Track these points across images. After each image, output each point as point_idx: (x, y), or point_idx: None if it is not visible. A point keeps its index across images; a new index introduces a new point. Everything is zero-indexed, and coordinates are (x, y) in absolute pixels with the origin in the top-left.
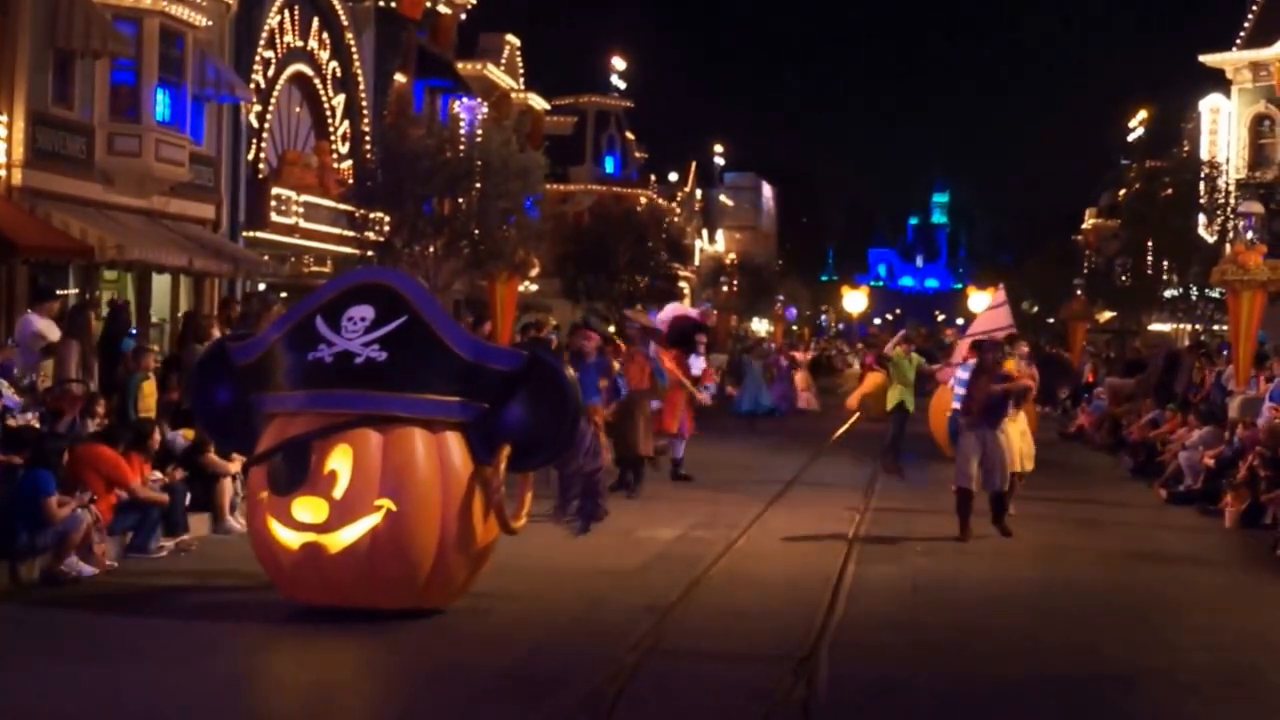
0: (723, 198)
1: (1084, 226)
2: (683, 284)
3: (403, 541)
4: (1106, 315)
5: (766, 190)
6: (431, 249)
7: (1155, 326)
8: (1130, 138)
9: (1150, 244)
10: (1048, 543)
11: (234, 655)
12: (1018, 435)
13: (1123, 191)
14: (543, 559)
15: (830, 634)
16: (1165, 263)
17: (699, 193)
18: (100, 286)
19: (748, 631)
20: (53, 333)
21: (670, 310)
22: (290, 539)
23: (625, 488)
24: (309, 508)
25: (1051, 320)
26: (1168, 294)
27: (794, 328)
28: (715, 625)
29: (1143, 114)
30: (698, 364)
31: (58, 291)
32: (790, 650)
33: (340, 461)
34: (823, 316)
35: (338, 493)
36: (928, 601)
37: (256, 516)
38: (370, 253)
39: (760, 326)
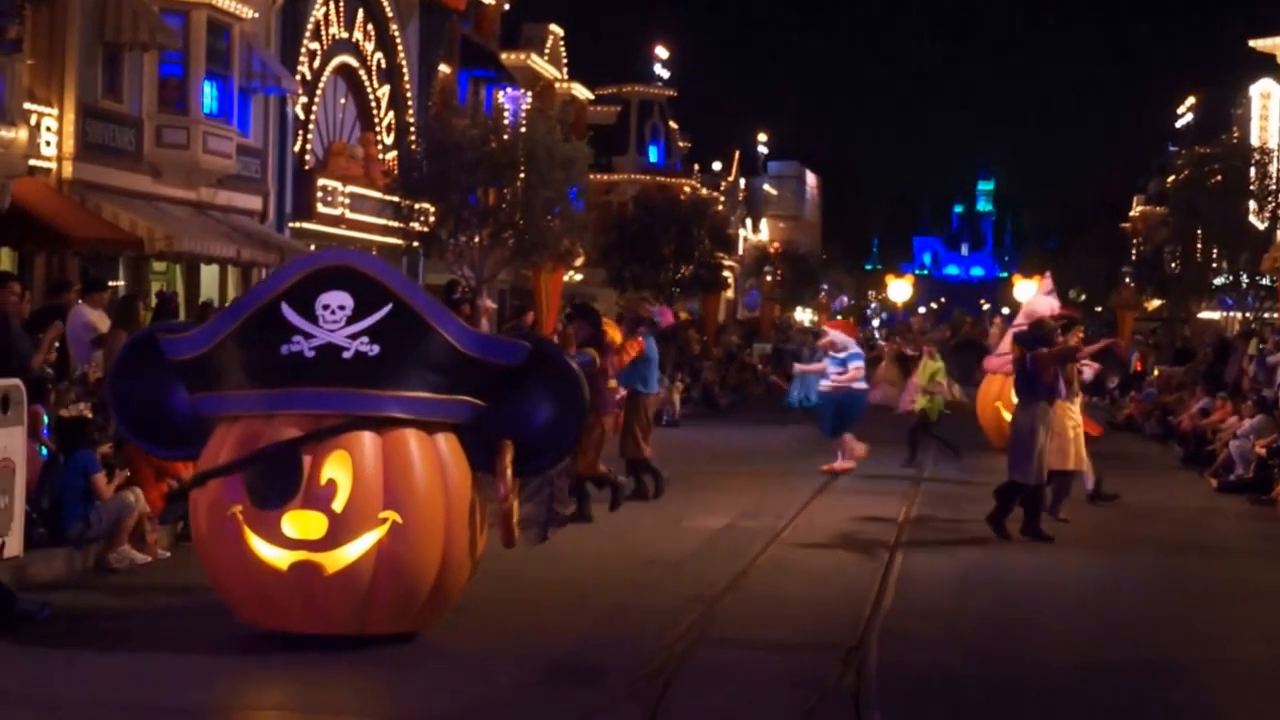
0: (766, 187)
1: (1132, 214)
2: (726, 273)
3: (407, 558)
4: (1155, 303)
5: (810, 179)
6: (476, 239)
7: (1204, 314)
8: (1179, 124)
9: (1199, 231)
10: (1098, 532)
11: (283, 638)
12: (1072, 429)
13: (1171, 178)
14: (590, 548)
15: (879, 623)
16: (1215, 250)
17: (742, 182)
18: (149, 278)
19: (796, 620)
20: (103, 324)
21: None
22: (278, 558)
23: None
24: (304, 522)
25: (1100, 309)
26: (1217, 281)
27: (839, 317)
28: (763, 614)
29: (1192, 100)
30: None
31: (108, 283)
32: (839, 639)
33: (338, 469)
34: (870, 307)
35: (338, 505)
36: (977, 590)
37: (225, 534)
38: (415, 243)
39: (804, 316)
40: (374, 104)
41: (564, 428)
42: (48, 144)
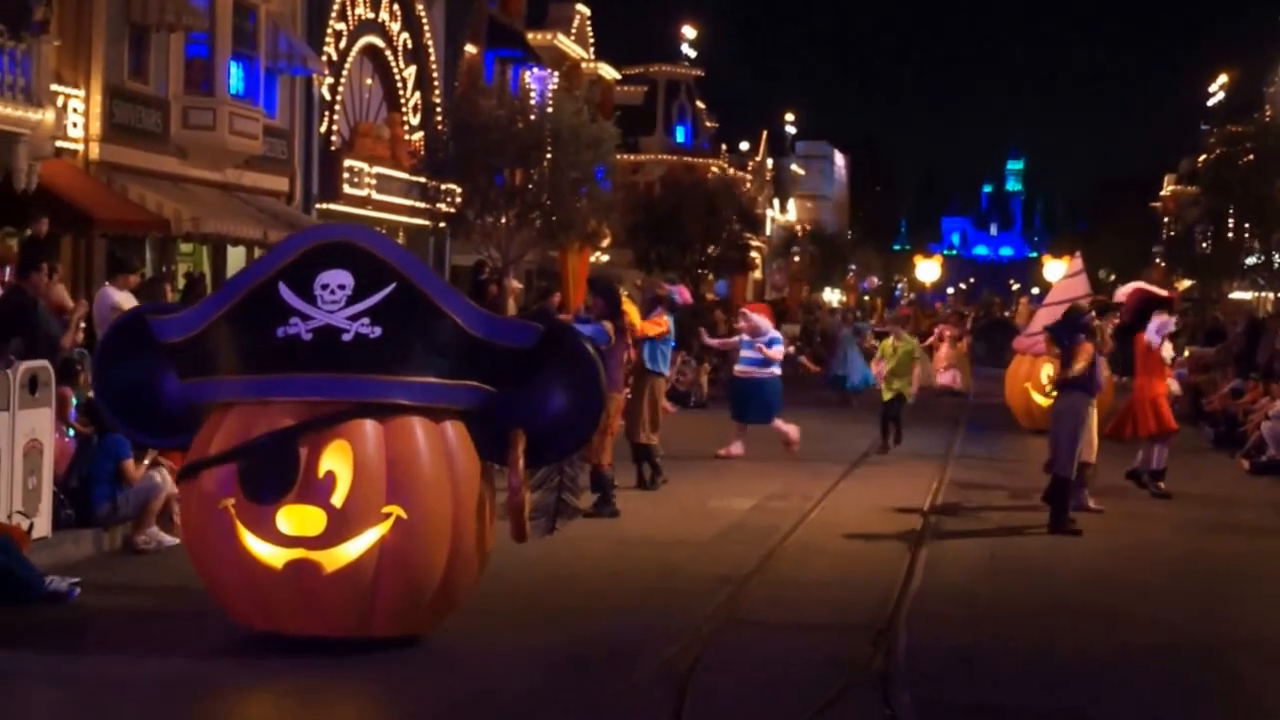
0: (794, 167)
1: (1163, 193)
2: (754, 254)
3: (412, 555)
4: (1186, 283)
5: (838, 159)
6: (503, 220)
7: (1236, 295)
8: (1211, 102)
9: (1231, 210)
10: (1127, 513)
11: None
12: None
13: (1203, 157)
14: (617, 529)
15: (908, 604)
16: (1247, 229)
17: (770, 162)
18: (176, 259)
19: (824, 601)
20: (130, 305)
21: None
22: (272, 556)
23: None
24: (301, 518)
25: None
26: (1249, 261)
27: (866, 298)
28: (791, 595)
29: (1224, 78)
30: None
31: (135, 264)
32: (868, 620)
33: (337, 461)
34: (897, 287)
35: (337, 499)
36: (1006, 572)
37: (216, 528)
38: (442, 224)
39: (832, 296)
40: (400, 84)
41: (579, 416)
42: (74, 125)
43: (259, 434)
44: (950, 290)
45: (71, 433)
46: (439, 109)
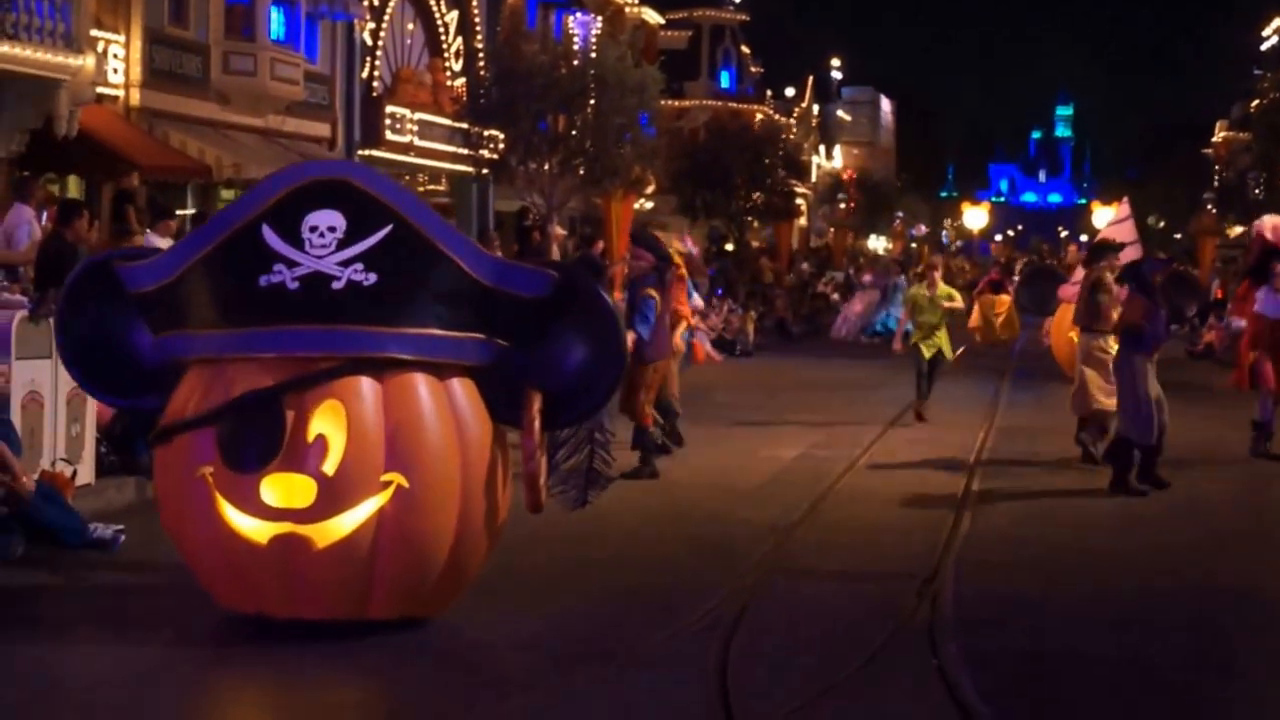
0: (840, 113)
1: (1214, 139)
2: (799, 201)
3: (415, 529)
4: (1237, 230)
5: (885, 105)
6: (546, 167)
7: None
8: (1264, 46)
9: None
10: (1175, 462)
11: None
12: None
13: (1256, 102)
14: (662, 476)
15: (955, 553)
16: None
17: (816, 108)
18: (217, 205)
19: (871, 550)
20: None
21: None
22: (256, 530)
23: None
24: (288, 488)
25: (1179, 236)
26: None
27: (913, 245)
28: (839, 543)
29: (1277, 21)
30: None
31: (176, 211)
32: (914, 569)
33: (329, 423)
34: (943, 234)
35: (329, 466)
36: (1053, 520)
37: (193, 500)
38: (485, 171)
39: (878, 244)
40: (442, 29)
41: (599, 374)
42: (115, 71)
43: (240, 394)
44: (998, 237)
45: None
46: (481, 54)
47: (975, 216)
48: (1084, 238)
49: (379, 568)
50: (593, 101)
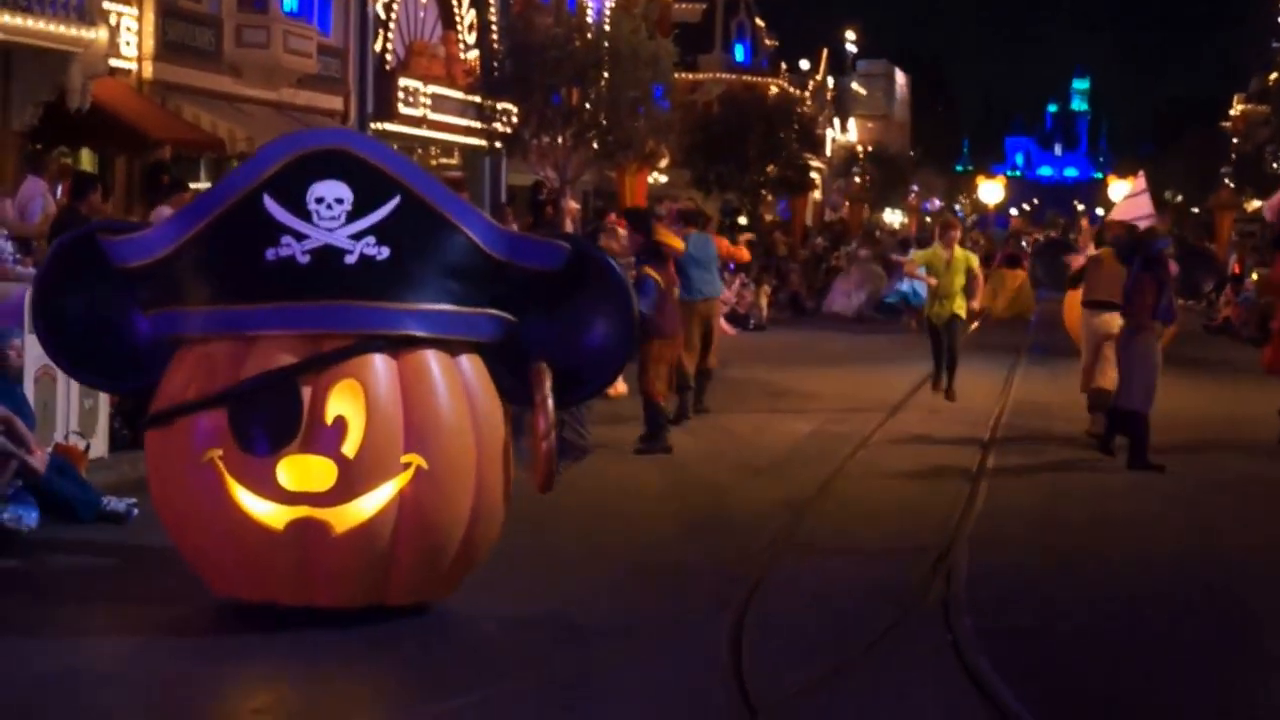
0: (855, 86)
1: (1232, 113)
2: (814, 174)
3: (435, 511)
4: (1255, 204)
5: (900, 78)
6: (560, 140)
7: None
8: None
9: None
10: (1192, 439)
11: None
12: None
13: (1274, 75)
14: (676, 452)
15: (969, 529)
16: None
17: (830, 81)
18: None
19: (884, 526)
20: None
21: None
22: (271, 515)
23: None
24: (307, 471)
25: (1196, 210)
26: None
27: (928, 219)
28: (851, 519)
29: None
30: None
31: (190, 185)
32: (929, 545)
33: (347, 403)
34: (958, 208)
35: (349, 448)
36: (1069, 498)
37: (199, 486)
38: (498, 144)
39: (893, 218)
40: (455, 2)
41: (609, 351)
42: (128, 44)
43: (249, 374)
44: (1014, 211)
45: None
46: (495, 27)
47: (990, 190)
48: (1100, 212)
49: (399, 552)
50: (606, 75)
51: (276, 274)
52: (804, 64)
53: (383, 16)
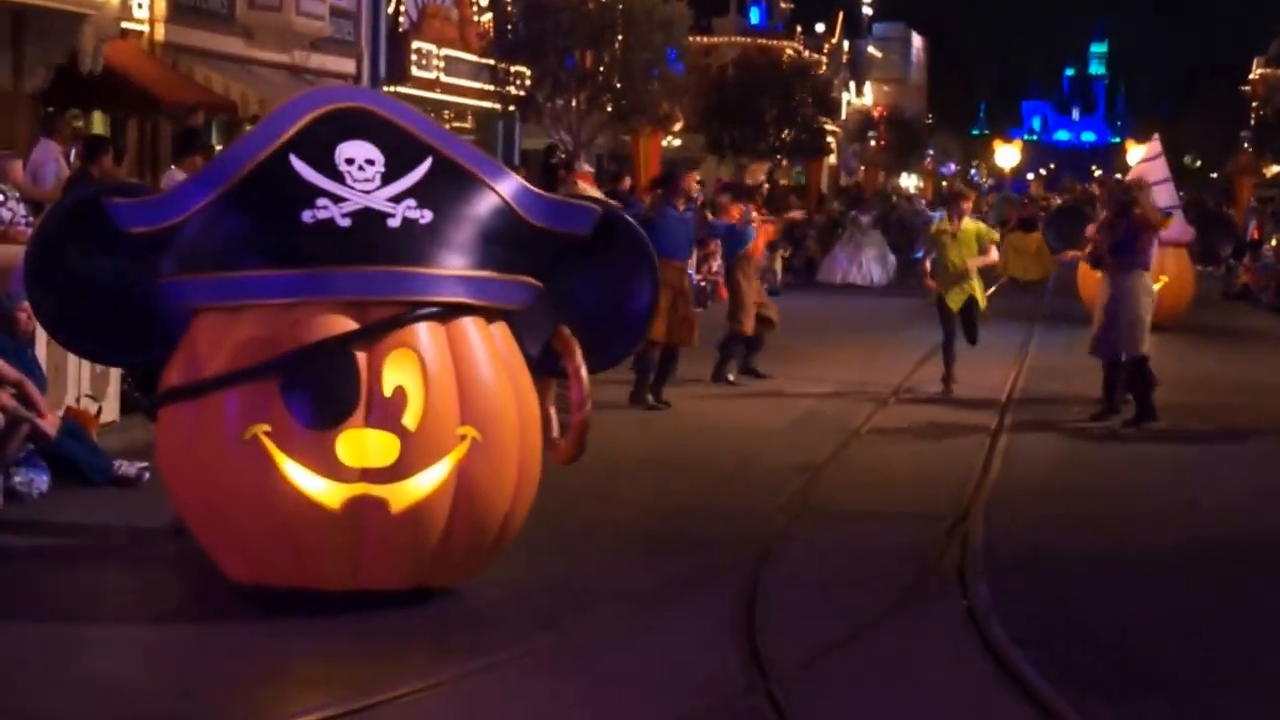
0: (871, 49)
1: (1251, 77)
2: (829, 139)
3: (486, 486)
4: (1274, 169)
5: (916, 41)
6: (574, 103)
7: None
8: None
9: None
10: (1210, 407)
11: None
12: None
13: None
14: (692, 417)
15: (985, 494)
16: None
17: (846, 44)
18: None
19: (899, 491)
20: None
21: None
22: (327, 493)
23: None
24: (367, 445)
25: (1215, 175)
26: None
27: (944, 183)
28: (866, 484)
29: None
30: None
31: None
32: (944, 510)
33: (405, 374)
34: (973, 172)
35: (410, 421)
36: (1085, 463)
37: (240, 463)
38: (511, 107)
39: (909, 182)
40: None
41: (633, 318)
42: (139, 6)
43: (288, 345)
44: (1030, 176)
45: None
46: None
47: (1007, 155)
48: (1118, 177)
49: (453, 529)
50: (620, 38)
51: (315, 237)
52: (819, 27)
53: None
